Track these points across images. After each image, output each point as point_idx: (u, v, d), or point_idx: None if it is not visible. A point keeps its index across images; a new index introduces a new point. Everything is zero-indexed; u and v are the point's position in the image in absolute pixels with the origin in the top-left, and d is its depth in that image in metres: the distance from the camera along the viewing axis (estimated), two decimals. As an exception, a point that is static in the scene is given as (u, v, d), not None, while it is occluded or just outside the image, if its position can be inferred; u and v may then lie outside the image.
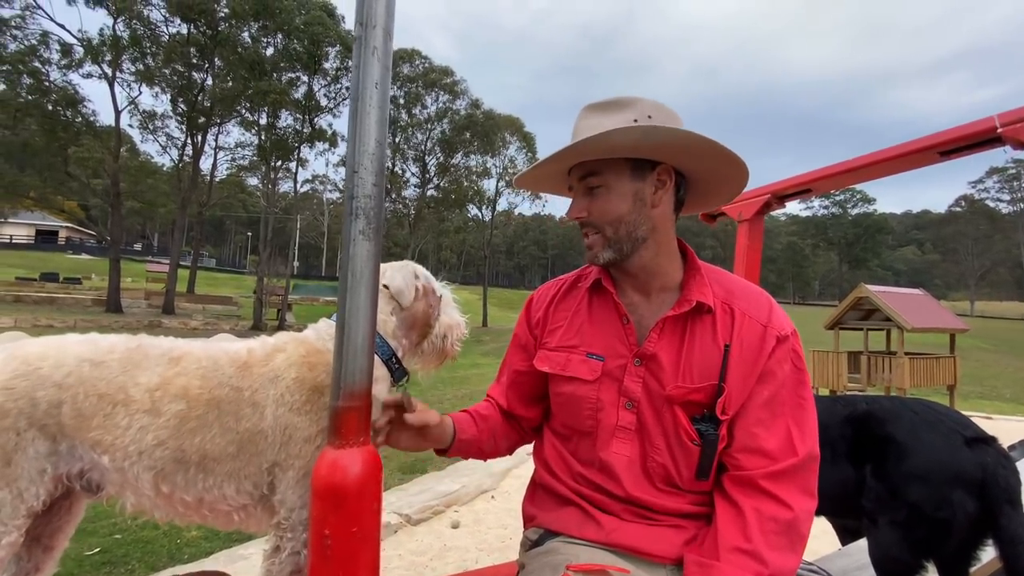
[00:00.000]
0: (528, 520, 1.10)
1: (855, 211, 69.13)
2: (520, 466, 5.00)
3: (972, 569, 1.34)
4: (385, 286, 1.06)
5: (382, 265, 1.06)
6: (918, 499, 1.24)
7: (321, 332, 1.06)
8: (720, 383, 0.92)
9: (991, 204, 60.97)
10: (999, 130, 1.52)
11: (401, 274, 1.09)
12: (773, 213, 2.34)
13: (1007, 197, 59.70)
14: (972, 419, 1.40)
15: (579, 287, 1.12)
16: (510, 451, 1.22)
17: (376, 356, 1.03)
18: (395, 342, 1.09)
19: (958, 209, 64.65)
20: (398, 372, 1.09)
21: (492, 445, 1.17)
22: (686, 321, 0.97)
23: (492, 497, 4.38)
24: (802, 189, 2.07)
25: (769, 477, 0.88)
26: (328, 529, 0.72)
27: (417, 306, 1.11)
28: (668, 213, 1.01)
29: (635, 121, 0.92)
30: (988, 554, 1.32)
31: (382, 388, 1.03)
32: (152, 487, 0.93)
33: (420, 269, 1.16)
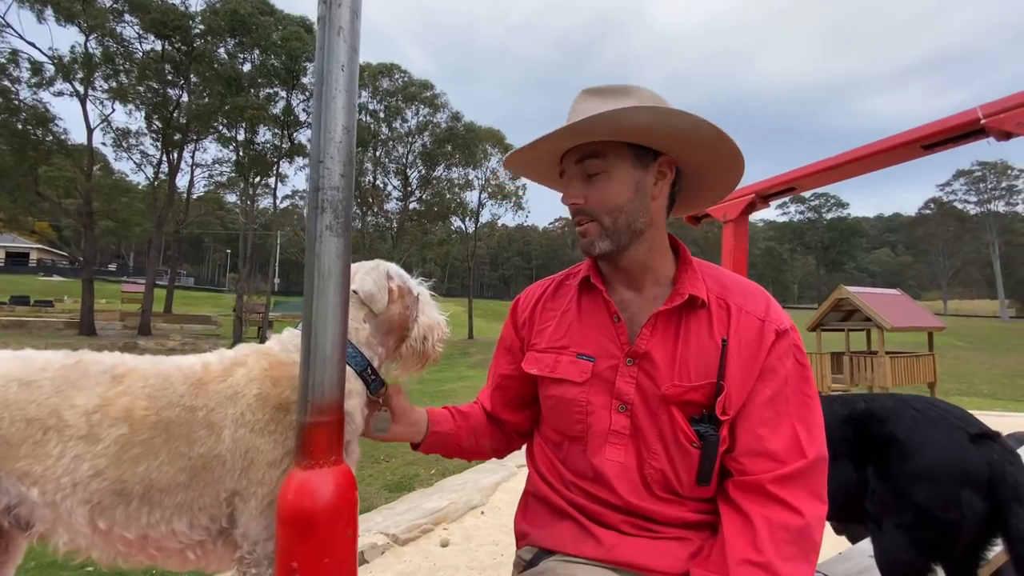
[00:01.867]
0: (521, 538, 1.03)
1: (830, 215, 70.78)
2: (510, 479, 4.91)
3: (979, 570, 1.30)
4: (354, 291, 0.98)
5: (352, 266, 0.98)
6: (924, 500, 1.20)
7: (286, 343, 0.97)
8: (719, 381, 0.87)
9: (959, 206, 62.87)
10: (982, 121, 1.52)
11: (372, 276, 1.01)
12: (750, 219, 2.34)
13: (974, 199, 61.66)
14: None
15: (567, 285, 1.07)
16: (496, 454, 1.17)
17: (349, 368, 0.95)
18: (370, 351, 1.01)
19: (928, 211, 66.52)
20: (374, 383, 1.01)
21: (473, 443, 1.12)
22: (680, 316, 0.93)
23: (482, 513, 4.27)
24: (786, 188, 2.06)
25: (777, 481, 0.83)
26: (296, 561, 0.64)
27: (392, 309, 1.03)
28: (663, 208, 0.97)
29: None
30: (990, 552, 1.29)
31: (356, 403, 0.95)
32: (87, 523, 0.82)
33: (393, 268, 1.08)
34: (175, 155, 27.65)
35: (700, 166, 0.97)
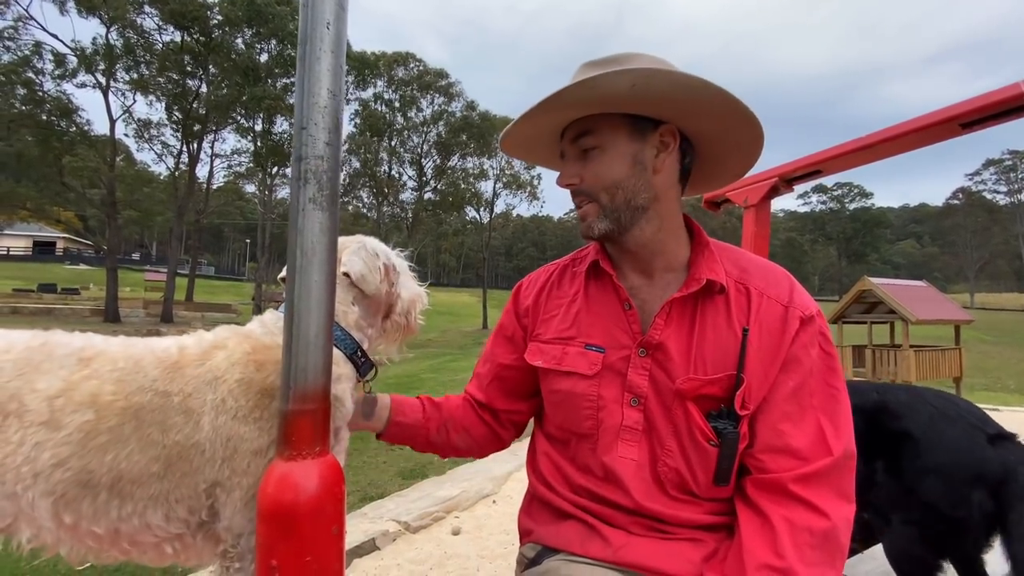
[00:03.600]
0: (525, 534, 0.98)
1: (853, 206, 69.18)
2: (522, 469, 4.89)
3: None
4: (345, 273, 0.93)
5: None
6: (935, 497, 1.17)
7: (268, 324, 0.92)
8: (738, 373, 0.80)
9: (988, 196, 60.90)
10: (1027, 97, 1.41)
11: (360, 256, 0.96)
12: (770, 208, 2.24)
13: (1004, 189, 59.67)
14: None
15: (574, 271, 1.01)
16: (472, 451, 1.10)
17: (338, 351, 0.90)
18: (359, 333, 0.97)
19: (955, 202, 64.48)
20: (365, 366, 0.97)
21: (443, 437, 1.05)
22: (696, 303, 0.86)
23: (494, 502, 4.25)
24: (812, 171, 1.96)
25: (800, 480, 0.76)
26: (276, 559, 0.60)
27: (382, 288, 0.99)
28: (672, 182, 0.89)
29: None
30: None
31: (345, 387, 0.90)
32: (52, 517, 0.78)
33: (378, 245, 1.03)
34: (195, 145, 28.04)
35: (711, 134, 0.88)
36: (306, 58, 0.62)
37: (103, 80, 24.38)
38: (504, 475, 4.73)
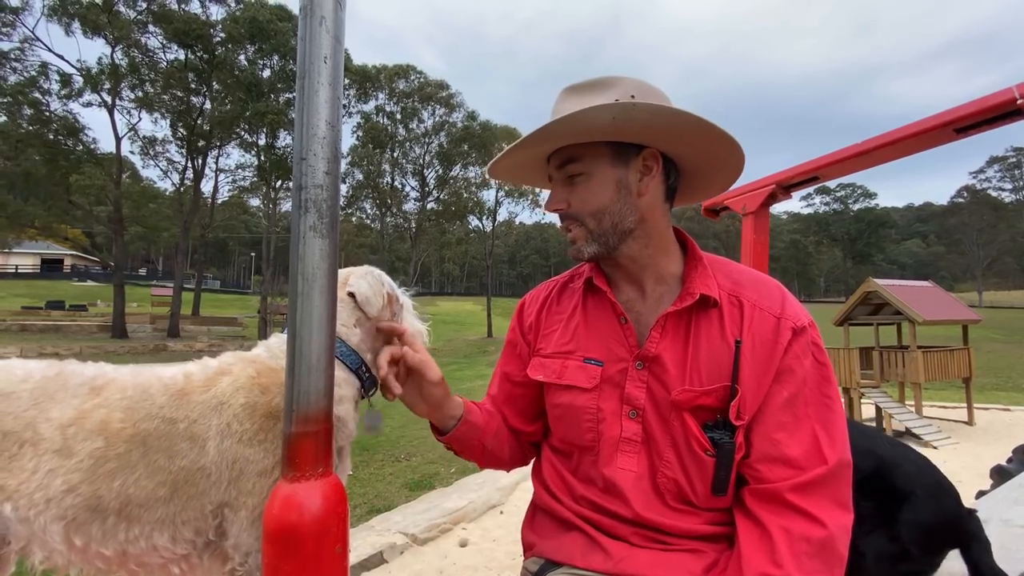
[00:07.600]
0: (527, 548, 1.00)
1: (857, 206, 68.91)
2: (529, 479, 4.88)
3: None
4: (351, 294, 0.95)
5: (342, 271, 0.96)
6: (918, 547, 1.35)
7: (273, 349, 0.94)
8: (732, 384, 0.82)
9: (993, 193, 60.57)
10: (1019, 101, 1.43)
11: (366, 280, 0.98)
12: (773, 211, 2.25)
13: (1009, 186, 59.37)
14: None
15: (572, 287, 1.03)
16: (510, 463, 1.10)
17: (341, 371, 0.92)
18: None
19: (960, 200, 64.10)
20: (368, 381, 0.98)
21: (496, 445, 1.05)
22: (690, 316, 0.88)
23: (501, 512, 4.26)
24: (809, 177, 1.98)
25: (796, 490, 0.77)
26: (282, 579, 0.61)
27: (384, 315, 1.01)
28: (658, 202, 0.91)
29: (616, 101, 0.83)
30: None
31: (347, 408, 0.92)
32: (63, 540, 0.80)
33: (384, 275, 1.06)
34: (199, 161, 28.35)
35: (690, 155, 0.91)
36: (305, 91, 0.64)
37: (108, 99, 24.75)
38: (511, 485, 4.73)
